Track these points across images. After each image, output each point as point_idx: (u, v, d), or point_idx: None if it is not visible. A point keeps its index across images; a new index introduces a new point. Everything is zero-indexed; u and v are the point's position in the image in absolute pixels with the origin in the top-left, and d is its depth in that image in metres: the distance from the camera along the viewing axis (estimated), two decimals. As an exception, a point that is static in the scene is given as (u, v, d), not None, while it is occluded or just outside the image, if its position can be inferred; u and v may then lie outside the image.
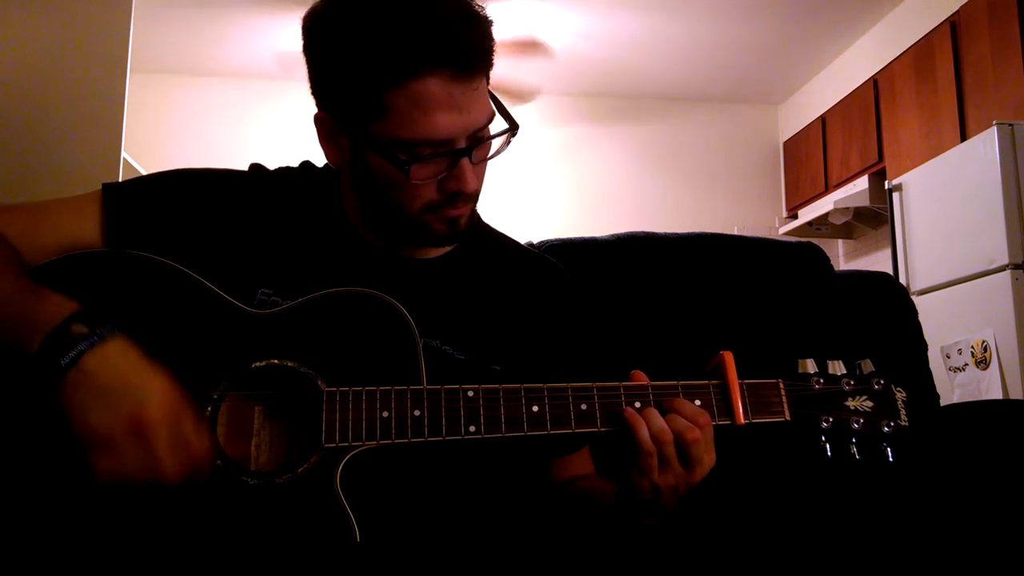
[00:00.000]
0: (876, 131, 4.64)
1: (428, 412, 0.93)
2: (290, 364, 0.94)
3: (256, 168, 1.16)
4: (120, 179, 1.61)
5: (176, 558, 0.88)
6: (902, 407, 1.00)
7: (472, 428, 0.93)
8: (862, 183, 4.73)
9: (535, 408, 0.95)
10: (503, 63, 1.14)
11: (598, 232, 1.71)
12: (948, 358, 3.38)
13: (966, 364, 3.31)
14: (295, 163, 1.19)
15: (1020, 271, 3.15)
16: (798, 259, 1.70)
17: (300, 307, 0.98)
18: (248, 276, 1.05)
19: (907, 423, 1.00)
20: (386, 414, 0.92)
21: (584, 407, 0.95)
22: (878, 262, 4.94)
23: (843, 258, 5.57)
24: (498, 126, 1.02)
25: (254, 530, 0.90)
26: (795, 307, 1.63)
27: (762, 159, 5.97)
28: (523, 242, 1.32)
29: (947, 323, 3.40)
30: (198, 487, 0.88)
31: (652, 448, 0.92)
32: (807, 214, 5.27)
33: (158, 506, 0.88)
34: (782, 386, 1.00)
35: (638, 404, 0.96)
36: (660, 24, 4.80)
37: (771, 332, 1.58)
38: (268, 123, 5.33)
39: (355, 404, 0.92)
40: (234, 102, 5.41)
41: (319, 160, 1.17)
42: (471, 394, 0.94)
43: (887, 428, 0.99)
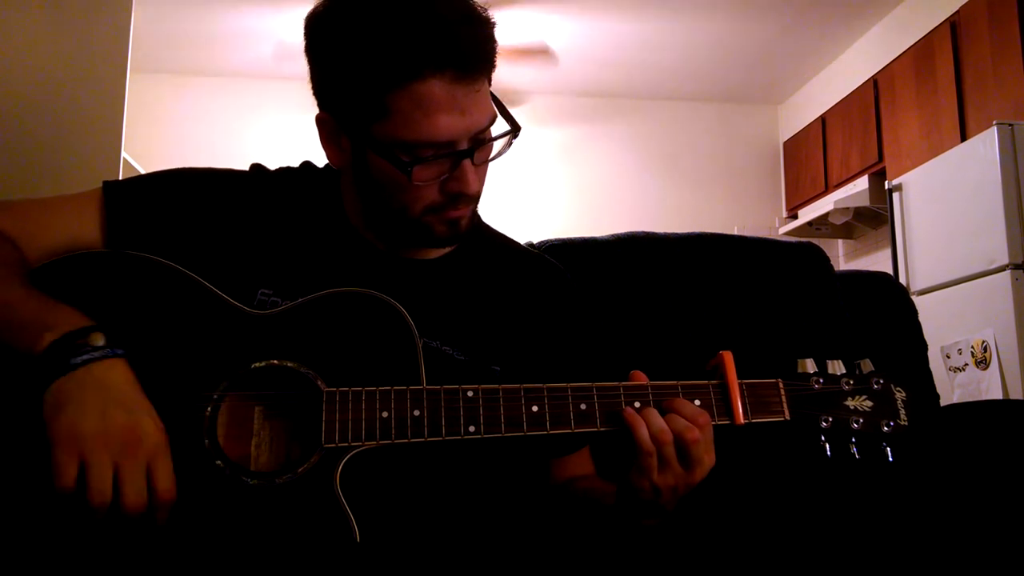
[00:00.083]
0: (876, 131, 4.64)
1: (428, 412, 0.93)
2: (290, 364, 0.94)
3: (257, 168, 1.16)
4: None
5: (176, 558, 0.88)
6: (902, 407, 1.01)
7: (472, 428, 0.93)
8: (862, 183, 4.74)
9: (535, 408, 0.95)
10: (506, 67, 1.14)
11: (598, 232, 1.72)
12: (948, 358, 3.38)
13: (966, 364, 3.31)
14: (295, 163, 1.19)
15: (1020, 271, 3.15)
16: (798, 259, 1.70)
17: (300, 307, 0.98)
18: (248, 276, 1.05)
19: (906, 423, 1.00)
20: (386, 414, 0.92)
21: (584, 407, 0.95)
22: (878, 262, 4.94)
23: (843, 258, 5.57)
24: (500, 127, 1.02)
25: (254, 530, 0.90)
26: (795, 307, 1.63)
27: (762, 159, 5.97)
28: (523, 242, 1.33)
29: (947, 323, 3.40)
30: (151, 526, 0.87)
31: (652, 448, 0.92)
32: (807, 214, 5.27)
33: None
34: (781, 386, 1.00)
35: (638, 404, 0.96)
36: (660, 24, 4.80)
37: (771, 332, 1.58)
38: (268, 123, 5.34)
39: (355, 404, 0.92)
40: (234, 102, 5.42)
41: (320, 160, 1.17)
42: (471, 394, 0.94)
43: (887, 428, 0.99)
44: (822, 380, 1.01)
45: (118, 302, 0.95)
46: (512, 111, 1.05)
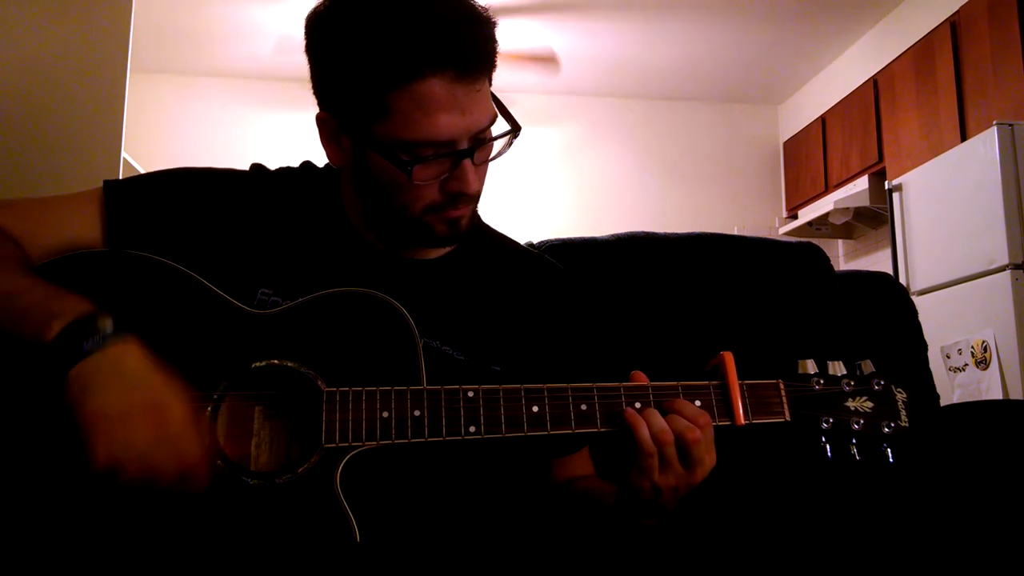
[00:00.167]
0: (876, 131, 4.64)
1: (428, 412, 0.93)
2: (290, 364, 0.94)
3: (257, 168, 1.16)
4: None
5: (176, 558, 0.88)
6: (902, 408, 1.00)
7: (472, 428, 0.93)
8: (862, 183, 4.73)
9: (535, 408, 0.95)
10: (511, 73, 1.14)
11: (598, 232, 1.71)
12: (948, 358, 3.38)
13: (966, 364, 3.31)
14: (296, 163, 1.19)
15: (1020, 271, 3.15)
16: (798, 259, 1.70)
17: (300, 307, 0.98)
18: (248, 276, 1.05)
19: (907, 424, 1.00)
20: (386, 414, 0.92)
21: (584, 407, 0.95)
22: (878, 262, 4.94)
23: (843, 258, 5.57)
24: (500, 127, 1.02)
25: (254, 530, 0.90)
26: (795, 307, 1.63)
27: (762, 159, 5.97)
28: (523, 242, 1.32)
29: (947, 323, 3.40)
30: (193, 495, 0.88)
31: (653, 448, 0.92)
32: (807, 214, 5.27)
33: (158, 505, 0.89)
34: (782, 387, 1.00)
35: (638, 405, 0.96)
36: (660, 24, 4.80)
37: (771, 332, 1.58)
38: (268, 123, 5.33)
39: (355, 404, 0.92)
40: (234, 102, 5.42)
41: (320, 160, 1.17)
42: (471, 394, 0.94)
43: (887, 429, 0.99)
44: (823, 381, 1.01)
45: (118, 301, 0.95)
46: (512, 111, 1.05)
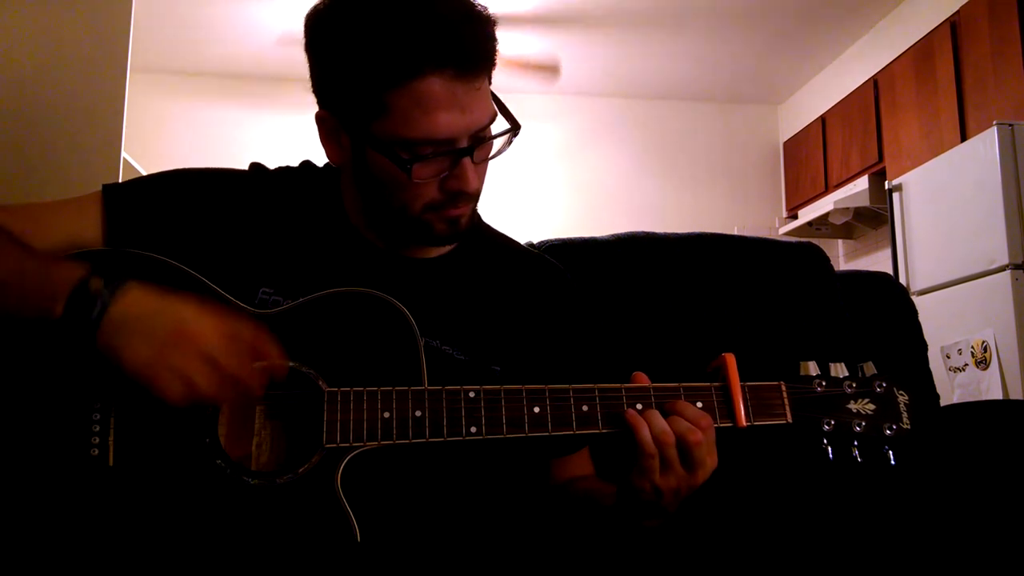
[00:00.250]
0: (876, 131, 4.63)
1: (429, 413, 0.93)
2: (291, 364, 0.94)
3: (256, 167, 1.16)
4: (120, 179, 1.60)
5: (177, 557, 0.88)
6: (904, 410, 1.00)
7: (473, 429, 0.93)
8: (862, 183, 4.73)
9: (536, 409, 0.95)
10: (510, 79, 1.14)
11: (598, 232, 1.71)
12: (948, 358, 3.38)
13: (966, 364, 3.31)
14: (295, 163, 1.19)
15: (1020, 271, 3.15)
16: (798, 259, 1.70)
17: (301, 307, 0.98)
18: (249, 275, 1.05)
19: (909, 426, 0.99)
20: (387, 414, 0.92)
21: (585, 408, 0.95)
22: (878, 262, 4.94)
23: (843, 258, 5.57)
24: (500, 126, 1.02)
25: (255, 530, 0.90)
26: (795, 307, 1.63)
27: (762, 159, 5.97)
28: (523, 242, 1.32)
29: (947, 323, 3.40)
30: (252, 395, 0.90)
31: (654, 450, 0.92)
32: (807, 214, 5.27)
33: (158, 505, 0.89)
34: (784, 388, 0.99)
35: (639, 406, 0.95)
36: (661, 25, 4.80)
37: (771, 332, 1.58)
38: (268, 123, 5.33)
39: (356, 404, 0.92)
40: (234, 102, 5.41)
41: (319, 160, 1.17)
42: (472, 395, 0.94)
43: (889, 431, 0.99)
44: (824, 383, 1.00)
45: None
46: (512, 111, 1.05)
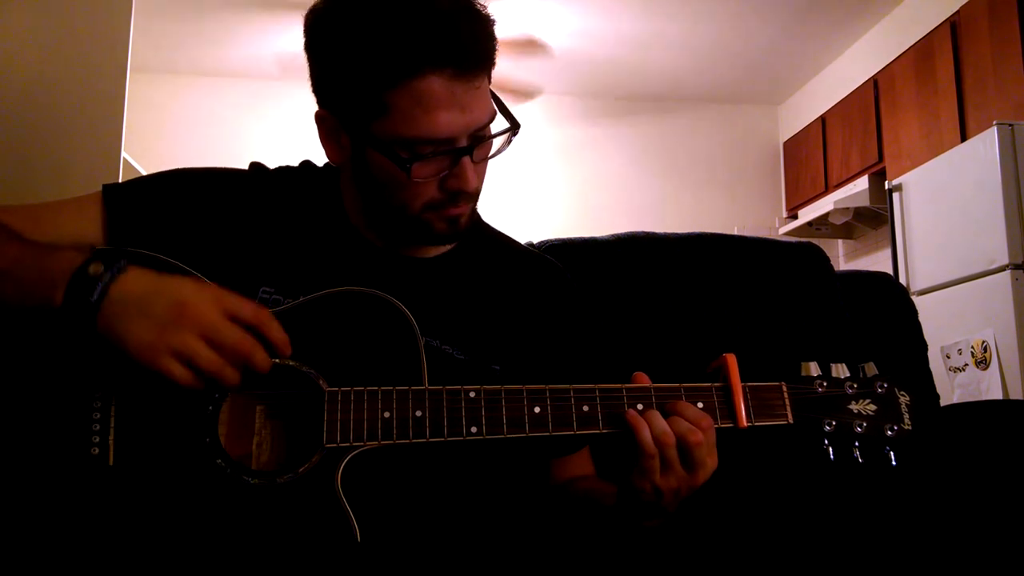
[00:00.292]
0: (876, 131, 4.64)
1: (430, 413, 0.93)
2: (291, 363, 0.94)
3: (256, 167, 1.16)
4: (120, 179, 1.60)
5: (177, 557, 0.88)
6: (906, 411, 1.00)
7: (474, 429, 0.93)
8: (862, 183, 4.73)
9: (537, 409, 0.94)
10: (504, 62, 1.14)
11: (598, 232, 1.71)
12: (948, 358, 3.38)
13: (966, 364, 3.31)
14: (295, 163, 1.19)
15: (1020, 271, 3.15)
16: (798, 259, 1.70)
17: (301, 306, 0.98)
18: (249, 274, 1.05)
19: (910, 427, 0.99)
20: (387, 414, 0.92)
21: (586, 409, 0.95)
22: (878, 262, 4.94)
23: (843, 258, 5.57)
24: (499, 125, 1.02)
25: (255, 530, 0.90)
26: (795, 307, 1.63)
27: (762, 159, 5.97)
28: (523, 242, 1.32)
29: (947, 323, 3.40)
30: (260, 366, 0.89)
31: (654, 450, 0.92)
32: (807, 214, 5.27)
33: (162, 499, 0.88)
34: (785, 389, 0.99)
35: (640, 406, 0.95)
36: (660, 24, 4.80)
37: (771, 332, 1.58)
38: (268, 123, 5.33)
39: (356, 404, 0.92)
40: (234, 102, 5.41)
41: (319, 160, 1.17)
42: (473, 395, 0.94)
43: (890, 432, 0.99)
44: (826, 383, 1.00)
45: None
46: (512, 110, 1.05)
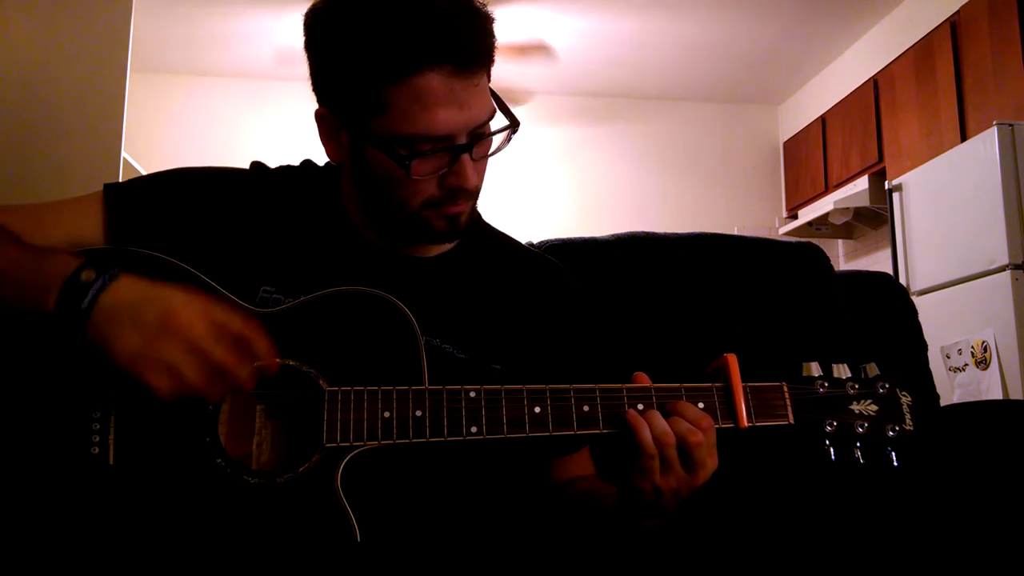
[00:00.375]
0: (876, 131, 4.63)
1: (430, 412, 0.93)
2: (292, 363, 0.94)
3: (257, 166, 1.16)
4: (120, 179, 1.60)
5: (177, 557, 0.88)
6: (907, 411, 1.00)
7: (474, 429, 0.93)
8: (862, 183, 4.73)
9: (537, 409, 0.94)
10: (510, 65, 1.13)
11: (598, 232, 1.71)
12: (948, 358, 3.38)
13: (966, 364, 3.31)
14: (296, 162, 1.19)
15: (1020, 271, 3.15)
16: (798, 259, 1.70)
17: (302, 306, 0.98)
18: (250, 273, 1.05)
19: (912, 427, 0.99)
20: (387, 414, 0.92)
21: (586, 408, 0.95)
22: (878, 262, 4.94)
23: (843, 258, 5.57)
24: (499, 123, 1.02)
25: (255, 529, 0.90)
26: (795, 307, 1.63)
27: (762, 159, 5.97)
28: (523, 242, 1.32)
29: (947, 323, 3.40)
30: (262, 381, 0.89)
31: (654, 450, 0.92)
32: (807, 214, 5.27)
33: (162, 499, 0.88)
34: (786, 389, 0.99)
35: (640, 406, 0.95)
36: (660, 24, 4.79)
37: (770, 332, 1.58)
38: (268, 123, 5.33)
39: (356, 404, 0.92)
40: (234, 102, 5.41)
41: (320, 160, 1.17)
42: (473, 395, 0.94)
43: (892, 432, 0.99)
44: (827, 384, 1.00)
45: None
46: (512, 110, 1.05)
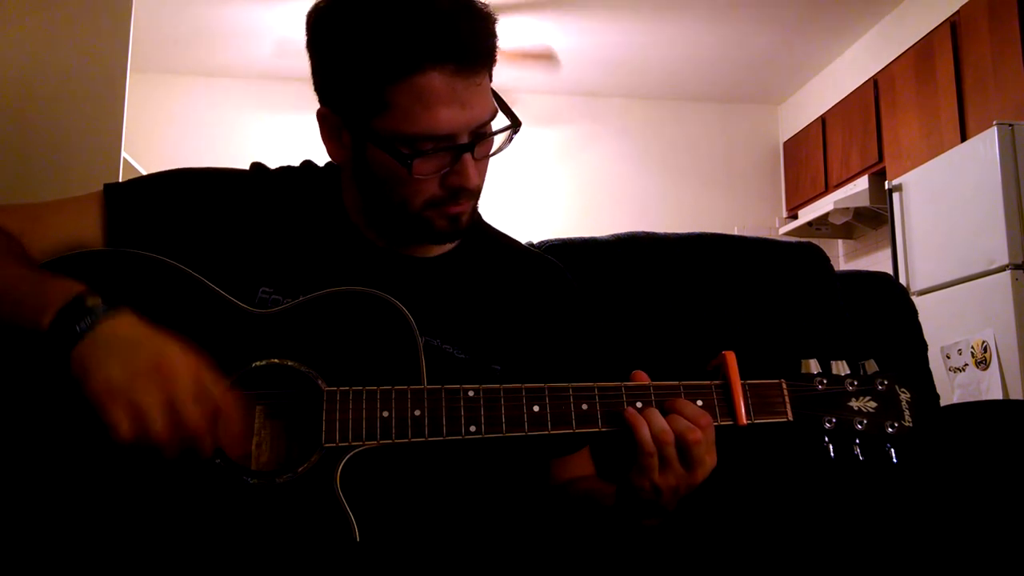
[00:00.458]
0: (876, 131, 4.64)
1: (428, 412, 0.93)
2: (291, 363, 0.94)
3: (257, 167, 1.16)
4: (120, 179, 1.60)
5: (176, 557, 0.88)
6: (906, 408, 1.00)
7: (473, 428, 0.93)
8: (862, 183, 4.73)
9: (536, 408, 0.94)
10: (515, 70, 1.13)
11: (598, 232, 1.71)
12: (948, 358, 3.38)
13: (966, 364, 3.31)
14: (296, 163, 1.19)
15: (1020, 271, 3.15)
16: (798, 259, 1.70)
17: (301, 306, 0.98)
18: (249, 274, 1.05)
19: (911, 424, 0.99)
20: (386, 414, 0.92)
21: (585, 407, 0.95)
22: (878, 262, 4.94)
23: (843, 258, 5.57)
24: (500, 123, 1.02)
25: (254, 530, 0.90)
26: (795, 307, 1.63)
27: (762, 159, 5.97)
28: (523, 242, 1.32)
29: (947, 323, 3.40)
30: (218, 463, 0.89)
31: (653, 448, 0.92)
32: (807, 214, 5.27)
33: (161, 499, 0.88)
34: (785, 386, 0.99)
35: (639, 404, 0.95)
36: (660, 24, 4.80)
37: (771, 332, 1.58)
38: (268, 123, 5.33)
39: (355, 404, 0.92)
40: (234, 102, 5.41)
41: (321, 161, 1.17)
42: (472, 394, 0.94)
43: (891, 429, 0.99)
44: (826, 381, 1.00)
45: (119, 300, 0.94)
46: (513, 110, 1.05)
